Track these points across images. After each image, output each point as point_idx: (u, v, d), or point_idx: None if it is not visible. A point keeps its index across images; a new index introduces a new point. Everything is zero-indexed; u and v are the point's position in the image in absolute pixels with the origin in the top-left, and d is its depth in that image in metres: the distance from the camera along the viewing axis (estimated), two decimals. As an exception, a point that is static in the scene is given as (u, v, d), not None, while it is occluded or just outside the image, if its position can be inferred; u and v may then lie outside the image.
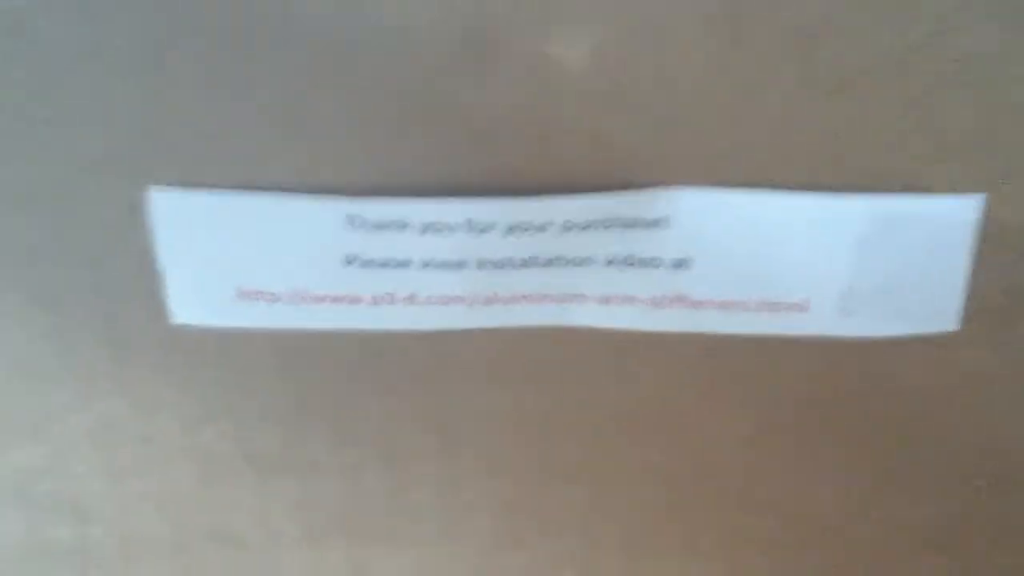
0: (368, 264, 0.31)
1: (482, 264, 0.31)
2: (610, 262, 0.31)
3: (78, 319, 0.32)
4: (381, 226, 0.30)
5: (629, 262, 0.31)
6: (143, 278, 0.31)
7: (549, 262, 0.31)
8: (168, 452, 0.36)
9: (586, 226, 0.30)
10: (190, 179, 0.30)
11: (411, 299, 0.32)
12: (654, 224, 0.30)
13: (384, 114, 0.29)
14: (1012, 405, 0.34)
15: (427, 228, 0.30)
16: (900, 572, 0.39)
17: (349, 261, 0.31)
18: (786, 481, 0.37)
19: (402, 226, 0.30)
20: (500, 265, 0.31)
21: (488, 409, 0.35)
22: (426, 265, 0.31)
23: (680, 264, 0.31)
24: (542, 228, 0.30)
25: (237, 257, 0.31)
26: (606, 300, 0.32)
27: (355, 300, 0.32)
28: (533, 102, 0.29)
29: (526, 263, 0.31)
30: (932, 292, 0.31)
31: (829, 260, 0.31)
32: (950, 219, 0.30)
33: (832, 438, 0.35)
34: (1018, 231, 0.30)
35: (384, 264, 0.31)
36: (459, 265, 0.31)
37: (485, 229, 0.30)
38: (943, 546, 0.38)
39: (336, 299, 0.32)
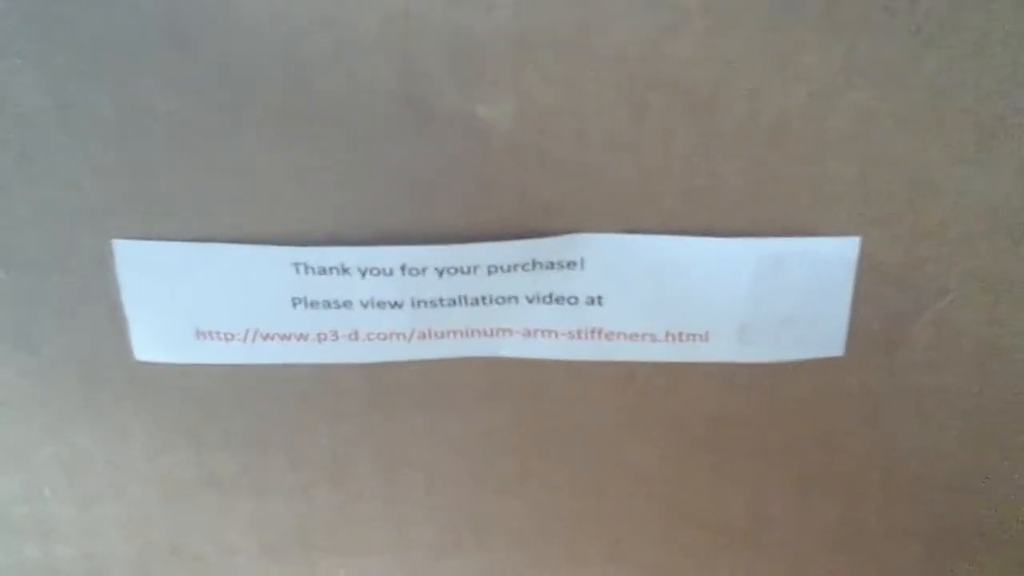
0: (314, 305, 0.33)
1: (417, 303, 0.33)
2: (532, 300, 0.33)
3: (51, 359, 0.34)
4: (324, 271, 0.32)
5: (549, 300, 0.33)
6: (110, 321, 0.33)
7: (477, 300, 0.33)
8: (132, 477, 0.37)
9: (510, 268, 0.32)
10: (151, 232, 0.32)
11: (354, 335, 0.33)
12: (570, 266, 0.32)
13: (327, 170, 0.31)
14: (895, 418, 0.36)
15: (366, 272, 0.32)
16: (805, 571, 0.40)
17: (296, 303, 0.33)
18: (702, 491, 0.38)
19: (344, 270, 0.32)
20: (433, 304, 0.33)
21: (426, 431, 0.36)
22: (366, 305, 0.33)
23: (594, 301, 0.33)
24: (470, 271, 0.32)
25: (194, 300, 0.33)
26: (529, 333, 0.34)
27: (303, 337, 0.33)
28: (463, 158, 0.31)
29: (456, 302, 0.33)
30: (819, 322, 0.33)
31: (727, 296, 0.33)
32: (832, 258, 0.32)
33: (740, 451, 0.37)
34: (890, 268, 0.32)
35: (328, 305, 0.33)
36: (396, 304, 0.33)
37: (419, 272, 0.32)
38: (846, 547, 0.39)
39: (285, 337, 0.33)
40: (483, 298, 0.33)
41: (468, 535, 0.40)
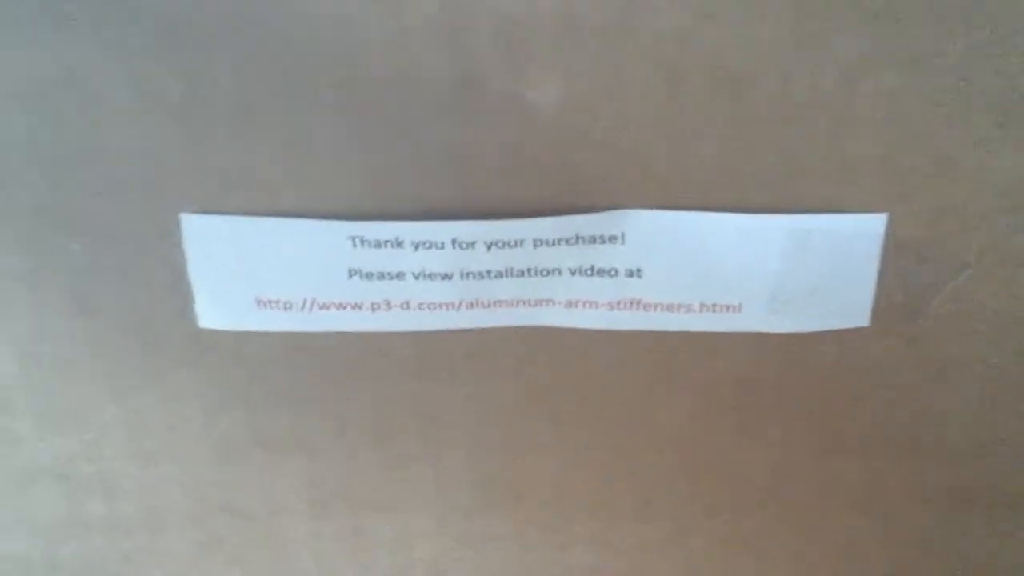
0: (368, 276, 0.34)
1: (465, 275, 0.34)
2: (574, 272, 0.35)
3: (115, 325, 0.36)
4: (379, 244, 0.34)
5: (591, 272, 0.35)
6: (172, 290, 0.35)
7: (523, 273, 0.35)
8: (189, 438, 0.39)
9: (554, 242, 0.34)
10: (215, 206, 0.33)
11: (405, 305, 0.35)
12: (611, 240, 0.34)
13: (382, 149, 0.32)
14: (916, 386, 0.37)
15: (419, 246, 0.34)
16: (827, 530, 0.42)
17: (352, 274, 0.34)
18: (726, 452, 0.39)
19: (397, 244, 0.34)
20: (481, 276, 0.34)
21: (469, 397, 0.38)
22: (418, 277, 0.34)
23: (633, 273, 0.35)
24: (517, 244, 0.34)
25: (256, 271, 0.34)
26: (571, 304, 0.35)
27: (357, 307, 0.35)
28: (511, 139, 0.32)
29: (503, 274, 0.34)
30: (846, 294, 0.35)
31: (758, 269, 0.34)
32: (859, 233, 0.33)
33: (765, 415, 0.38)
34: (914, 243, 0.34)
35: (382, 276, 0.34)
36: (446, 276, 0.34)
37: (468, 246, 0.34)
38: (865, 507, 0.41)
39: (341, 306, 0.35)
40: (528, 270, 0.35)
41: (505, 494, 0.41)
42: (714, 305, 0.35)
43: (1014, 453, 0.39)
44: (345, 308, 0.35)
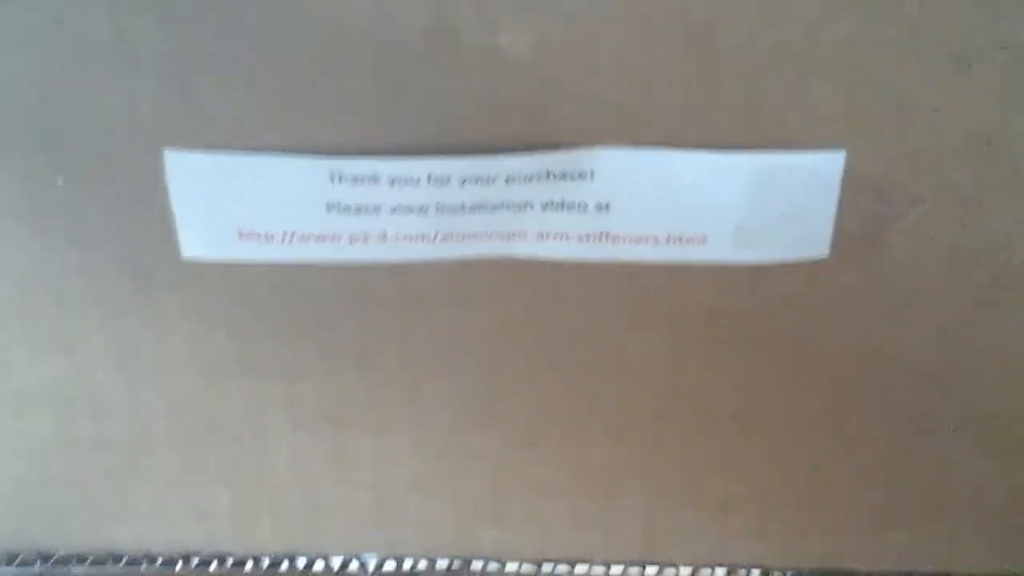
0: (346, 210, 0.35)
1: (441, 209, 0.35)
2: (545, 206, 0.36)
3: (105, 257, 0.37)
4: (357, 179, 0.35)
5: (561, 206, 0.36)
6: (159, 224, 0.36)
7: (496, 207, 0.35)
8: (176, 363, 0.40)
9: (526, 179, 0.35)
10: (198, 145, 0.34)
11: (383, 237, 0.36)
12: (581, 176, 0.35)
13: (361, 92, 0.33)
14: (875, 315, 0.38)
15: (395, 181, 0.34)
16: (792, 452, 0.43)
17: (331, 208, 0.35)
18: (696, 380, 0.41)
19: (375, 179, 0.34)
20: (456, 210, 0.35)
21: (447, 326, 0.39)
22: (394, 210, 0.35)
23: (602, 207, 0.36)
24: (490, 180, 0.35)
25: (237, 205, 0.35)
26: (543, 236, 0.36)
27: (336, 239, 0.36)
28: (486, 84, 0.33)
29: (477, 208, 0.35)
30: (807, 226, 0.36)
31: (723, 203, 0.35)
32: (819, 170, 0.35)
33: (732, 344, 0.40)
34: (873, 179, 0.35)
35: (359, 210, 0.35)
36: (422, 210, 0.35)
37: (443, 182, 0.35)
38: (827, 431, 0.42)
39: (320, 238, 0.36)
40: (501, 204, 0.36)
41: (481, 416, 0.43)
42: (680, 237, 0.36)
43: (968, 379, 0.40)
44: (324, 240, 0.36)
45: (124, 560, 0.49)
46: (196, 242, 0.36)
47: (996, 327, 0.39)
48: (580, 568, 0.49)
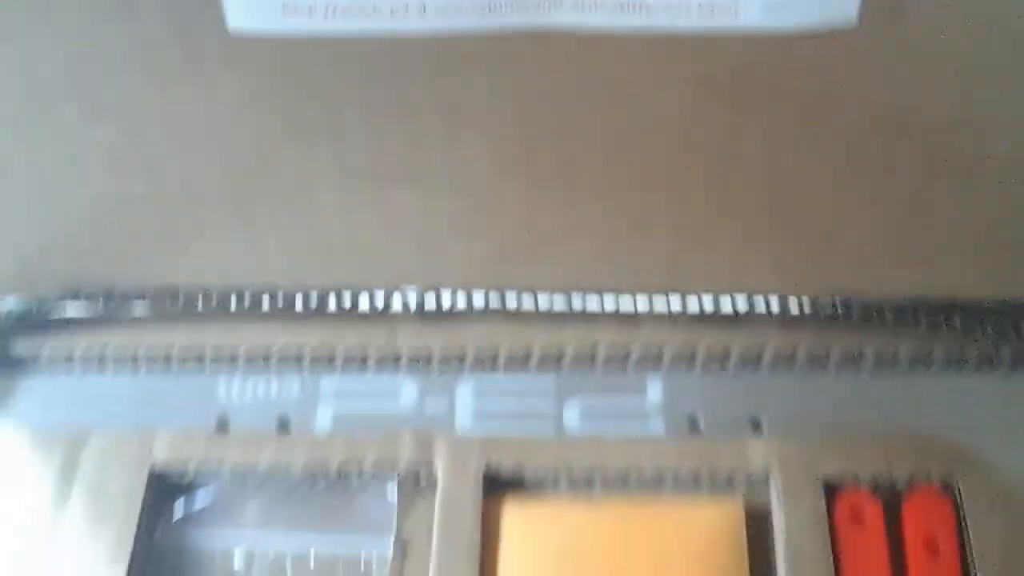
0: None
1: None
2: None
3: (155, 28, 0.38)
4: None
5: None
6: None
7: None
8: (225, 126, 0.42)
9: None
10: None
11: (421, 9, 0.37)
12: None
13: None
14: (899, 77, 0.39)
15: None
16: (811, 194, 0.45)
17: None
18: (722, 136, 0.42)
19: None
20: None
21: (482, 89, 0.41)
22: None
23: None
24: None
25: None
26: (579, 5, 0.37)
27: (377, 11, 0.37)
28: None
29: None
30: None
31: None
32: None
33: (758, 106, 0.41)
34: None
35: None
36: None
37: None
38: (848, 184, 0.44)
39: (362, 11, 0.37)
40: None
41: (516, 169, 0.45)
42: (712, 5, 0.37)
43: (984, 128, 0.42)
44: (366, 12, 0.37)
45: (181, 298, 0.52)
46: (242, 14, 0.37)
47: (1013, 83, 0.40)
48: (608, 297, 0.52)
